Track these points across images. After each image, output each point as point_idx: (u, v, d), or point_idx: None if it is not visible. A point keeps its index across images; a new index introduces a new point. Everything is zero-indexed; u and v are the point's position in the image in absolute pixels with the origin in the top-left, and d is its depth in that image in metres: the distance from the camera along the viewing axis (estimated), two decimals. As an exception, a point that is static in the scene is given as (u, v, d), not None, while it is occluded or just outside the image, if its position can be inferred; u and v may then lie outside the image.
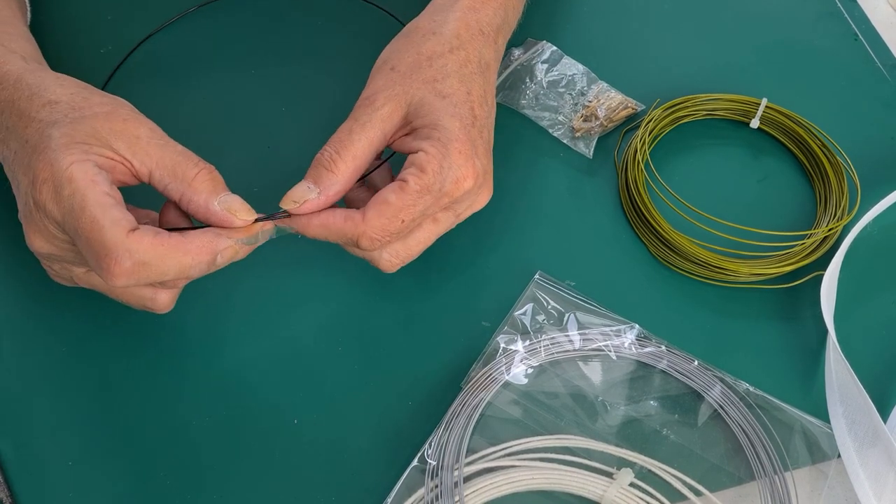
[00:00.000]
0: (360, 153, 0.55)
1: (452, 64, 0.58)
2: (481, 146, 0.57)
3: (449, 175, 0.54)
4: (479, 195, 0.58)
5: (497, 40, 0.63)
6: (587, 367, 0.62)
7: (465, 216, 0.59)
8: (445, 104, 0.56)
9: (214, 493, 0.56)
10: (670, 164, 0.72)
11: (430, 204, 0.55)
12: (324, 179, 0.54)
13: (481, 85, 0.59)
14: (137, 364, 0.60)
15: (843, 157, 0.71)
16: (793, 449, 0.60)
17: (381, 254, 0.56)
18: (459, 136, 0.55)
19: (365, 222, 0.54)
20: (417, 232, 0.57)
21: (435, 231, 0.58)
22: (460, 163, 0.55)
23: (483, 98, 0.58)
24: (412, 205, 0.54)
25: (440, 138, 0.55)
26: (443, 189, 0.54)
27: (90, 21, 0.75)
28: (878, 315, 0.67)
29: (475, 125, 0.57)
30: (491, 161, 0.59)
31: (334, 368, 0.61)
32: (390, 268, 0.57)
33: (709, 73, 0.77)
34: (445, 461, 0.56)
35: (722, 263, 0.66)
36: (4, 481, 0.56)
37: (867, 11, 0.83)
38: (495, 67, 0.62)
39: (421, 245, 0.57)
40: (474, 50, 0.59)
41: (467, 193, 0.56)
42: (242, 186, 0.55)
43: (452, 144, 0.55)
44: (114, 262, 0.49)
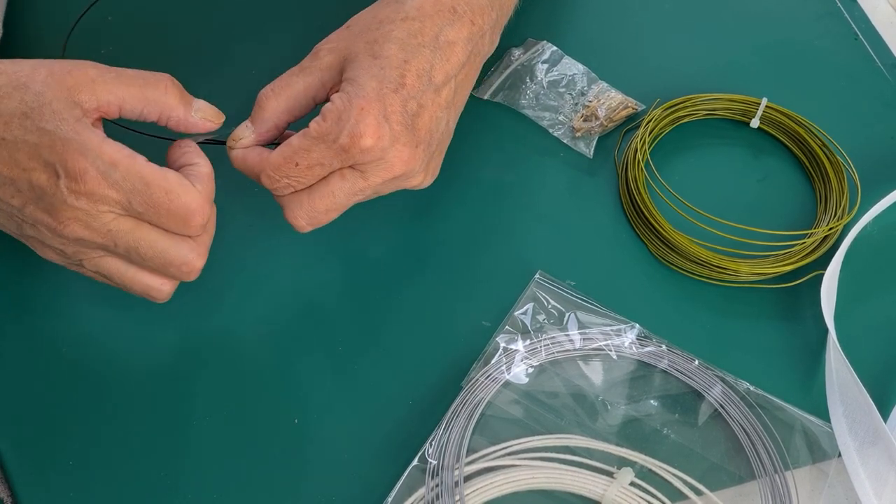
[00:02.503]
0: (294, 94, 0.57)
1: (399, 31, 0.58)
2: (398, 113, 0.56)
3: (346, 127, 0.54)
4: (387, 161, 0.56)
5: (475, 21, 0.61)
6: (588, 366, 0.62)
7: (377, 182, 0.57)
8: (373, 64, 0.56)
9: (214, 493, 0.56)
10: (670, 163, 0.72)
11: (326, 154, 0.55)
12: (257, 117, 0.57)
13: (428, 59, 0.58)
14: (138, 364, 0.60)
15: (844, 156, 0.71)
16: (793, 448, 0.60)
17: (288, 201, 0.57)
18: (370, 94, 0.55)
19: (267, 160, 0.56)
20: (323, 185, 0.57)
21: (341, 188, 0.57)
22: (360, 118, 0.55)
23: (425, 72, 0.58)
24: (307, 149, 0.55)
25: (349, 91, 0.55)
26: (338, 141, 0.55)
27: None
28: (878, 314, 0.67)
29: (399, 92, 0.56)
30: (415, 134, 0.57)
31: (334, 368, 0.61)
32: (296, 220, 0.58)
33: (709, 72, 0.77)
34: (446, 461, 0.56)
35: (722, 263, 0.66)
36: (5, 481, 0.56)
37: (867, 11, 0.83)
38: (464, 48, 0.60)
39: (326, 200, 0.57)
40: (433, 24, 0.59)
41: (367, 152, 0.55)
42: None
43: (357, 100, 0.55)
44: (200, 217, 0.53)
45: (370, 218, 0.67)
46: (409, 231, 0.67)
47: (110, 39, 0.73)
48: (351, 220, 0.66)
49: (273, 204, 0.66)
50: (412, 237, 0.67)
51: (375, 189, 0.58)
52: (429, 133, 0.58)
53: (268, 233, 0.66)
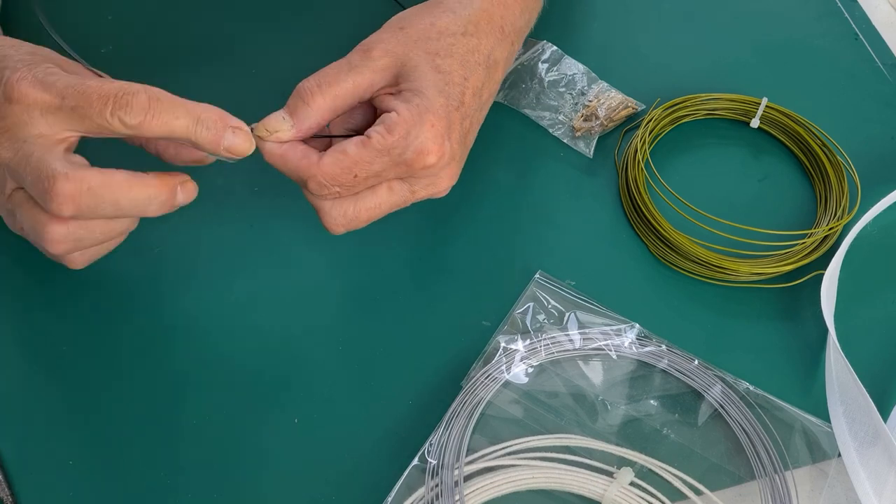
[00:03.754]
0: (341, 93, 0.54)
1: (460, 46, 0.57)
2: (458, 132, 0.56)
3: (414, 143, 0.53)
4: (440, 178, 0.57)
5: (514, 42, 0.62)
6: (587, 366, 0.62)
7: (421, 197, 0.57)
8: (438, 79, 0.55)
9: (214, 493, 0.56)
10: (670, 163, 0.72)
11: (387, 166, 0.53)
12: (299, 112, 0.53)
13: (481, 78, 0.58)
14: (138, 364, 0.60)
15: (844, 156, 0.71)
16: (793, 448, 0.60)
17: (330, 207, 0.55)
18: (439, 111, 0.54)
19: (319, 165, 0.53)
20: (370, 195, 0.55)
21: (388, 200, 0.56)
22: (430, 136, 0.54)
23: (478, 90, 0.58)
24: (369, 161, 0.53)
25: (418, 105, 0.54)
26: (403, 155, 0.53)
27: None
28: (878, 314, 0.67)
29: (459, 110, 0.56)
30: (464, 153, 0.58)
31: (334, 368, 0.61)
32: (335, 226, 0.56)
33: (709, 72, 0.77)
34: (446, 460, 0.56)
35: (722, 263, 0.66)
36: (5, 481, 0.56)
37: (867, 11, 0.83)
38: (504, 68, 0.61)
39: (371, 211, 0.56)
40: (487, 43, 0.59)
41: (427, 169, 0.55)
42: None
43: (428, 115, 0.54)
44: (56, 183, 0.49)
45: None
46: (408, 231, 0.67)
47: (110, 39, 0.73)
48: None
49: (275, 204, 0.66)
50: (412, 237, 0.67)
51: (415, 200, 0.58)
52: (468, 148, 0.59)
53: (267, 233, 0.66)
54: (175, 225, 0.65)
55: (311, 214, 0.66)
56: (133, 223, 0.56)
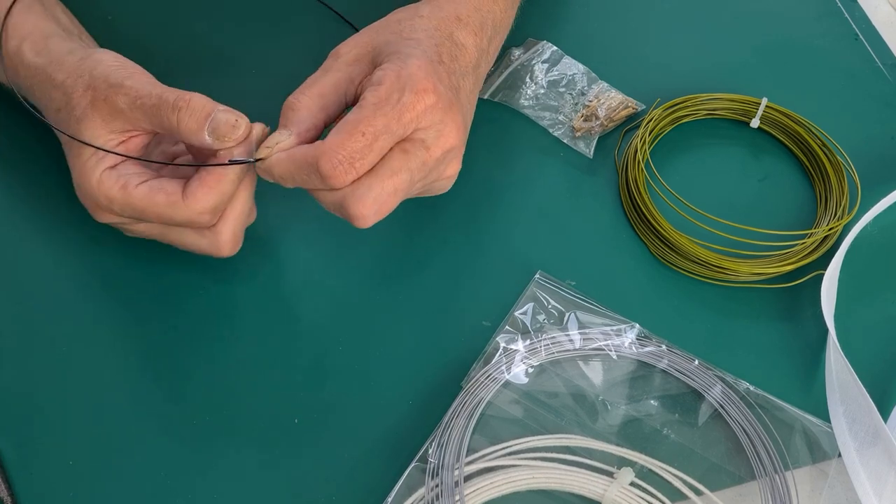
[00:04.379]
0: (325, 91, 0.55)
1: (422, 25, 0.58)
2: (446, 81, 0.55)
3: (408, 84, 0.52)
4: (446, 125, 0.54)
5: (478, 34, 0.61)
6: (588, 366, 0.62)
7: (437, 154, 0.55)
8: (409, 43, 0.56)
9: (214, 493, 0.56)
10: (670, 163, 0.72)
11: (391, 117, 0.52)
12: (291, 119, 0.54)
13: (450, 49, 0.58)
14: (137, 364, 0.60)
15: (844, 156, 0.71)
16: (793, 448, 0.60)
17: (352, 192, 0.53)
18: (420, 56, 0.54)
19: (324, 143, 0.52)
20: (387, 162, 0.53)
21: (406, 164, 0.53)
22: (420, 76, 0.53)
23: (453, 56, 0.57)
24: (370, 116, 0.52)
25: (400, 57, 0.54)
26: (402, 99, 0.52)
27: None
28: (878, 314, 0.67)
29: (442, 65, 0.55)
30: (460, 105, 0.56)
31: (334, 368, 0.61)
32: (364, 209, 0.53)
33: (709, 72, 0.77)
34: (446, 460, 0.56)
35: (722, 263, 0.66)
36: (5, 481, 0.56)
37: (867, 11, 0.83)
38: (473, 53, 0.60)
39: (394, 179, 0.53)
40: (446, 25, 0.59)
41: (429, 111, 0.53)
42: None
43: (411, 60, 0.53)
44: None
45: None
46: (408, 231, 0.67)
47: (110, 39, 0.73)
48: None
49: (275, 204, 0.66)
50: (412, 237, 0.67)
51: (435, 166, 0.55)
52: (466, 115, 0.58)
53: (266, 233, 0.66)
54: (175, 225, 0.65)
55: (311, 214, 0.66)
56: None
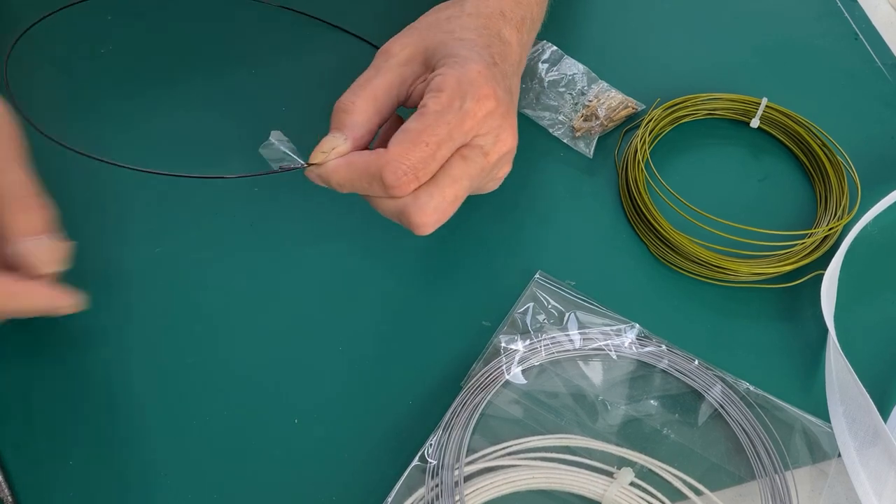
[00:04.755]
0: (379, 93, 0.53)
1: (471, 23, 0.57)
2: (503, 85, 0.55)
3: (469, 91, 0.52)
4: (504, 131, 0.54)
5: (520, 29, 0.61)
6: (588, 366, 0.62)
7: (494, 159, 0.55)
8: (462, 45, 0.55)
9: (214, 493, 0.56)
10: (670, 163, 0.72)
11: (453, 125, 0.52)
12: (345, 122, 0.53)
13: (500, 48, 0.57)
14: (138, 364, 0.60)
15: (844, 156, 0.71)
16: (793, 448, 0.60)
17: (413, 201, 0.52)
18: (478, 60, 0.53)
19: (388, 152, 0.51)
20: (447, 170, 0.53)
21: (466, 171, 0.53)
22: (480, 82, 0.52)
23: (503, 56, 0.56)
24: (433, 124, 0.51)
25: (457, 61, 0.53)
26: (464, 107, 0.52)
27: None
28: (878, 314, 0.67)
29: (496, 67, 0.55)
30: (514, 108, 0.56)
31: (334, 368, 0.61)
32: (426, 217, 0.53)
33: (709, 72, 0.77)
34: (446, 460, 0.56)
35: (722, 263, 0.66)
36: (5, 481, 0.56)
37: (867, 11, 0.83)
38: (517, 50, 0.60)
39: (454, 187, 0.53)
40: (494, 23, 0.58)
41: (490, 117, 0.53)
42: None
43: (470, 64, 0.53)
44: None
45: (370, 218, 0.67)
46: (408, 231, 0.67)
47: (110, 39, 0.73)
48: (351, 219, 0.66)
49: (275, 204, 0.66)
50: (412, 237, 0.67)
51: (490, 170, 0.55)
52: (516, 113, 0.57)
53: (267, 232, 0.66)
54: (175, 225, 0.65)
55: (311, 215, 0.66)
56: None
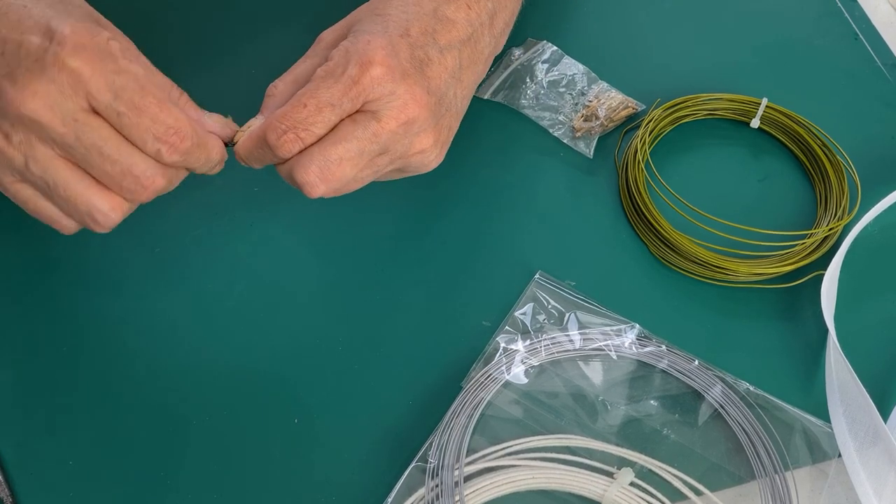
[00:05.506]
0: (300, 77, 0.55)
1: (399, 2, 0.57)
2: (406, 53, 0.54)
3: (353, 57, 0.52)
4: (400, 98, 0.54)
5: (472, 6, 0.60)
6: (588, 366, 0.62)
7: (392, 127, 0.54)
8: (376, 21, 0.56)
9: (214, 493, 0.56)
10: (670, 163, 0.72)
11: (335, 90, 0.52)
12: (267, 105, 0.55)
13: (429, 23, 0.57)
14: (138, 364, 0.60)
15: (844, 156, 0.71)
16: (793, 448, 0.60)
17: (297, 160, 0.53)
18: (376, 31, 0.54)
19: (271, 115, 0.53)
20: (333, 133, 0.53)
21: (354, 133, 0.53)
22: (367, 49, 0.53)
23: (428, 32, 0.56)
24: (314, 88, 0.52)
25: (357, 34, 0.54)
26: (346, 71, 0.52)
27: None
28: (878, 315, 0.67)
29: (405, 38, 0.55)
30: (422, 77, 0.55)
31: (334, 368, 0.61)
32: (307, 175, 0.52)
33: (709, 72, 0.77)
34: (446, 461, 0.56)
35: (722, 263, 0.66)
36: (5, 481, 0.56)
37: (867, 11, 0.83)
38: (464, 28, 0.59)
39: (339, 147, 0.53)
40: (427, 3, 0.58)
41: (377, 83, 0.52)
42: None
43: (363, 35, 0.53)
44: (183, 138, 0.49)
45: (370, 217, 0.67)
46: (409, 231, 0.67)
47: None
48: (351, 219, 0.67)
49: (275, 203, 0.66)
50: (412, 237, 0.67)
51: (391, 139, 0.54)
52: (439, 89, 0.56)
53: (267, 232, 0.66)
54: (175, 225, 0.65)
55: (312, 214, 0.66)
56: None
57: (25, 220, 0.65)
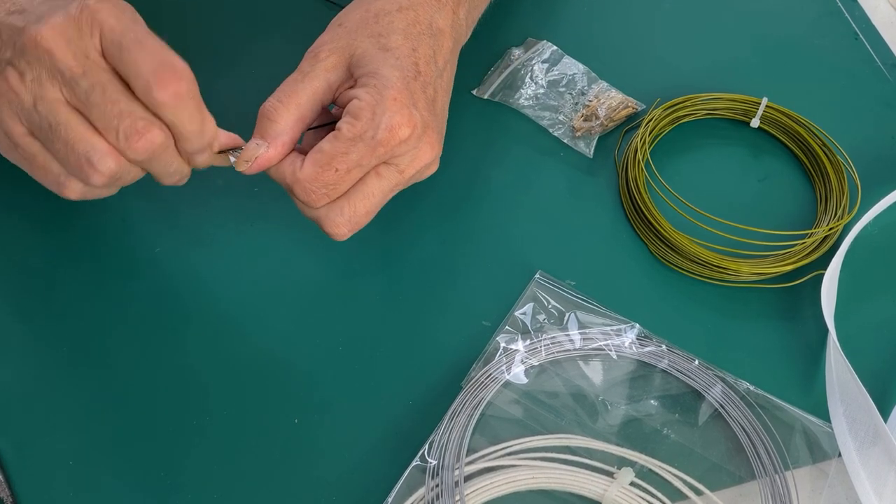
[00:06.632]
0: (303, 101, 0.55)
1: (399, 22, 0.58)
2: (422, 100, 0.56)
3: (383, 121, 0.54)
4: (421, 150, 0.57)
5: (456, 11, 0.62)
6: (588, 366, 0.62)
7: (411, 175, 0.57)
8: (387, 56, 0.56)
9: (214, 493, 0.56)
10: (671, 163, 0.72)
11: (364, 153, 0.54)
12: (269, 131, 0.55)
13: (430, 45, 0.59)
14: (137, 364, 0.60)
15: (844, 156, 0.71)
16: (793, 448, 0.60)
17: (327, 213, 0.56)
18: (397, 84, 0.55)
19: (301, 172, 0.54)
20: (360, 188, 0.56)
21: (380, 187, 0.56)
22: (395, 110, 0.54)
23: (431, 58, 0.58)
24: (345, 152, 0.54)
25: (376, 85, 0.55)
26: (376, 137, 0.54)
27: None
28: (878, 314, 0.67)
29: (418, 79, 0.56)
30: (438, 122, 0.58)
31: (335, 368, 0.61)
32: (339, 230, 0.56)
33: (709, 72, 0.77)
34: (446, 460, 0.56)
35: (722, 263, 0.66)
36: (5, 481, 0.56)
37: (867, 10, 0.83)
38: (451, 35, 0.61)
39: (367, 202, 0.56)
40: (425, 13, 0.59)
41: (404, 143, 0.55)
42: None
43: (388, 91, 0.54)
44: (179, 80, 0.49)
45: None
46: (409, 231, 0.67)
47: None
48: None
49: (275, 203, 0.66)
50: (412, 237, 0.67)
51: (408, 181, 0.58)
52: (442, 117, 0.59)
53: (267, 233, 0.66)
54: (175, 224, 0.65)
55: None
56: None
57: (26, 220, 0.65)
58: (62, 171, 0.52)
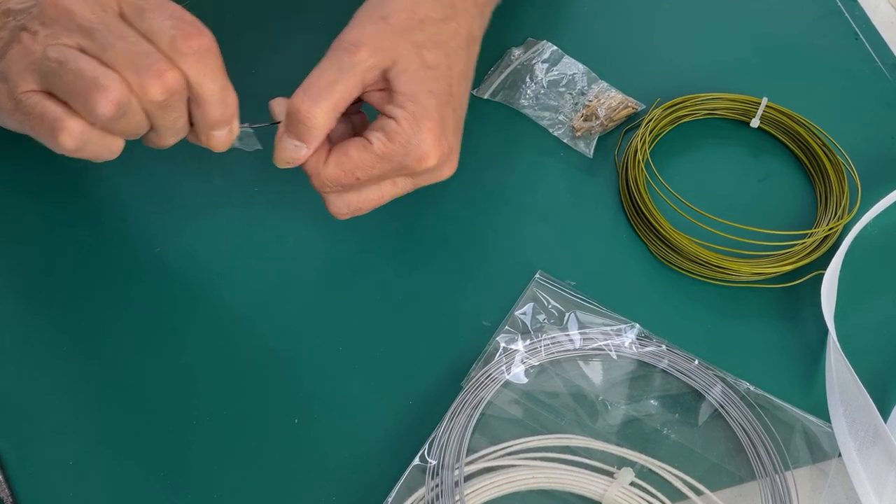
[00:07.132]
0: (339, 103, 0.55)
1: (443, 34, 0.58)
2: (451, 124, 0.57)
3: (415, 151, 0.55)
4: (441, 171, 0.58)
5: (484, 12, 0.63)
6: (588, 366, 0.62)
7: (423, 180, 0.59)
8: (427, 76, 0.56)
9: (215, 493, 0.56)
10: (671, 163, 0.72)
11: (388, 170, 0.56)
12: (305, 136, 0.55)
13: (464, 61, 0.59)
14: (138, 364, 0.60)
15: (844, 156, 0.71)
16: (793, 448, 0.60)
17: (335, 199, 0.57)
18: (433, 114, 0.56)
19: (324, 168, 0.55)
20: (374, 188, 0.58)
21: (392, 192, 0.58)
22: (429, 142, 0.55)
23: (463, 74, 0.59)
24: (370, 166, 0.55)
25: (415, 113, 0.55)
26: (404, 162, 0.55)
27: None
28: (878, 314, 0.67)
29: (450, 103, 0.57)
30: (459, 138, 0.59)
31: (335, 368, 0.61)
32: (338, 211, 0.58)
33: (709, 72, 0.77)
34: (446, 460, 0.56)
35: (722, 263, 0.66)
36: (5, 481, 0.56)
37: (868, 10, 0.83)
38: (479, 40, 0.63)
39: (376, 200, 0.58)
40: (465, 22, 0.60)
41: (429, 170, 0.57)
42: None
43: (425, 122, 0.55)
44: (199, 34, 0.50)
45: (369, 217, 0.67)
46: (409, 231, 0.67)
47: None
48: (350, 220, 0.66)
49: (275, 203, 0.66)
50: (412, 237, 0.67)
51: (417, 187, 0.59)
52: (461, 131, 0.60)
53: (267, 232, 0.66)
54: (175, 224, 0.65)
55: (311, 215, 0.66)
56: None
57: (26, 220, 0.65)
58: (61, 112, 0.50)
